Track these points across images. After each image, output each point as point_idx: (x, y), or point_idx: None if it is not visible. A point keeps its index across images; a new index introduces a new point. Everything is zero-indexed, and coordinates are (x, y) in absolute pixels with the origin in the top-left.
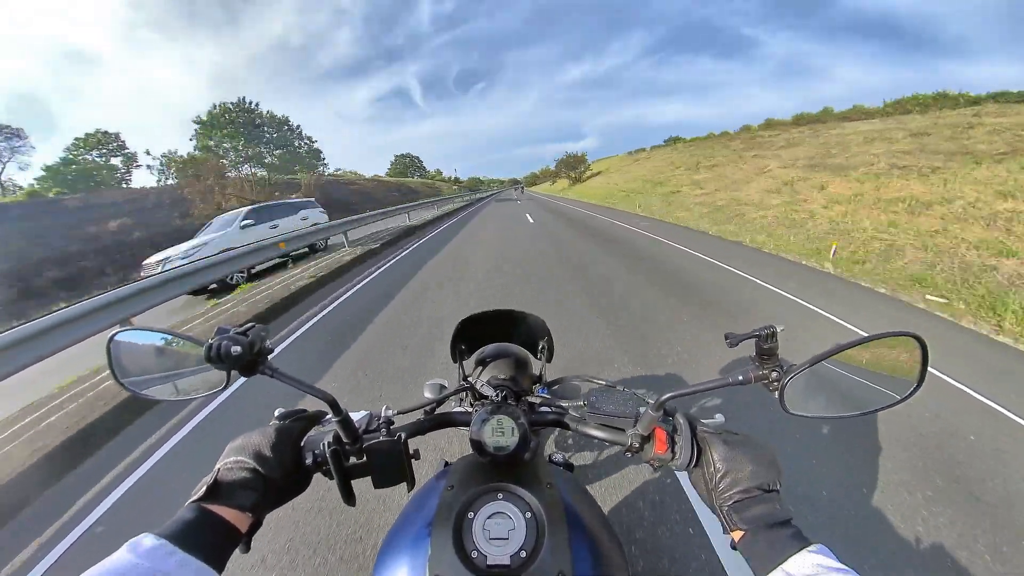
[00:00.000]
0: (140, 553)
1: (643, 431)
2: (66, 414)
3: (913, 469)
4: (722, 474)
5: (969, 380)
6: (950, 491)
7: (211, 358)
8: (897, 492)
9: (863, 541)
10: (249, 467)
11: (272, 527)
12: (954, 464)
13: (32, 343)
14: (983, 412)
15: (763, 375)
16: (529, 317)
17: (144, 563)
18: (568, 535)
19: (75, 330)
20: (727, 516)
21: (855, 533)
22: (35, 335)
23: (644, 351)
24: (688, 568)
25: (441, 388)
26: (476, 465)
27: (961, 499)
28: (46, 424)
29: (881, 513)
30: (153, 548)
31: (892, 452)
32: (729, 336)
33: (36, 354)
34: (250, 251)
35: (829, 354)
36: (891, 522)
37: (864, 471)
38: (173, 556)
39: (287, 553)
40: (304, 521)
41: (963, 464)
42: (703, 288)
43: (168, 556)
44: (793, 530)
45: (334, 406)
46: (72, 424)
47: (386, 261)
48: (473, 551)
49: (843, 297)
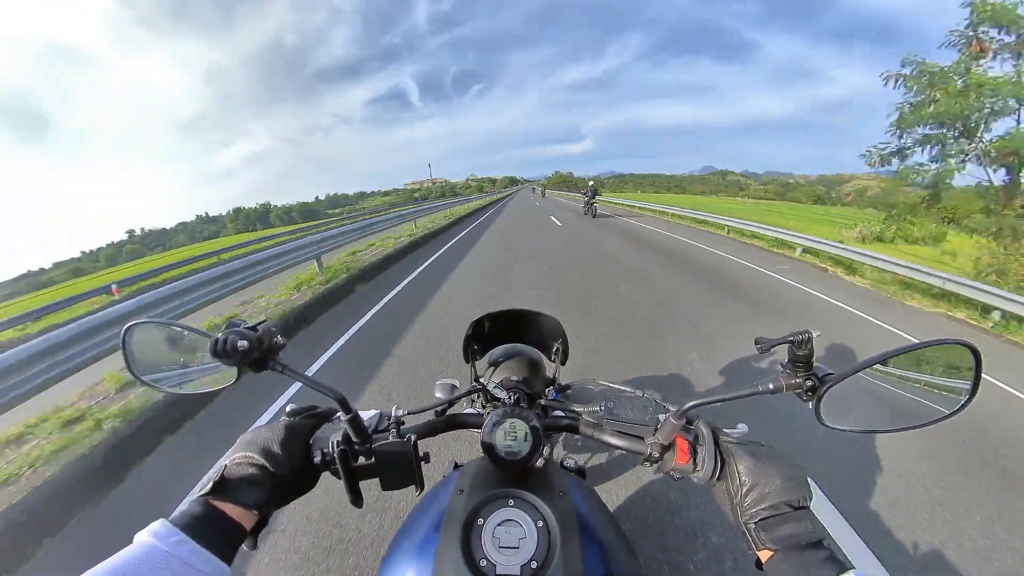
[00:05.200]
0: (159, 537)
1: (663, 440)
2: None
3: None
4: (748, 488)
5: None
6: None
7: (217, 353)
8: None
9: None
10: (257, 463)
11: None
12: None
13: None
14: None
15: (796, 384)
16: (543, 317)
17: (163, 547)
18: (581, 546)
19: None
20: (754, 534)
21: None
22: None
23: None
24: None
25: (453, 388)
26: (487, 469)
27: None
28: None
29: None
30: (169, 535)
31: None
32: (759, 341)
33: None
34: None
35: (871, 363)
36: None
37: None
38: (186, 545)
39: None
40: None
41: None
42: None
43: (181, 544)
44: (827, 553)
45: (344, 404)
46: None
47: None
48: (482, 559)
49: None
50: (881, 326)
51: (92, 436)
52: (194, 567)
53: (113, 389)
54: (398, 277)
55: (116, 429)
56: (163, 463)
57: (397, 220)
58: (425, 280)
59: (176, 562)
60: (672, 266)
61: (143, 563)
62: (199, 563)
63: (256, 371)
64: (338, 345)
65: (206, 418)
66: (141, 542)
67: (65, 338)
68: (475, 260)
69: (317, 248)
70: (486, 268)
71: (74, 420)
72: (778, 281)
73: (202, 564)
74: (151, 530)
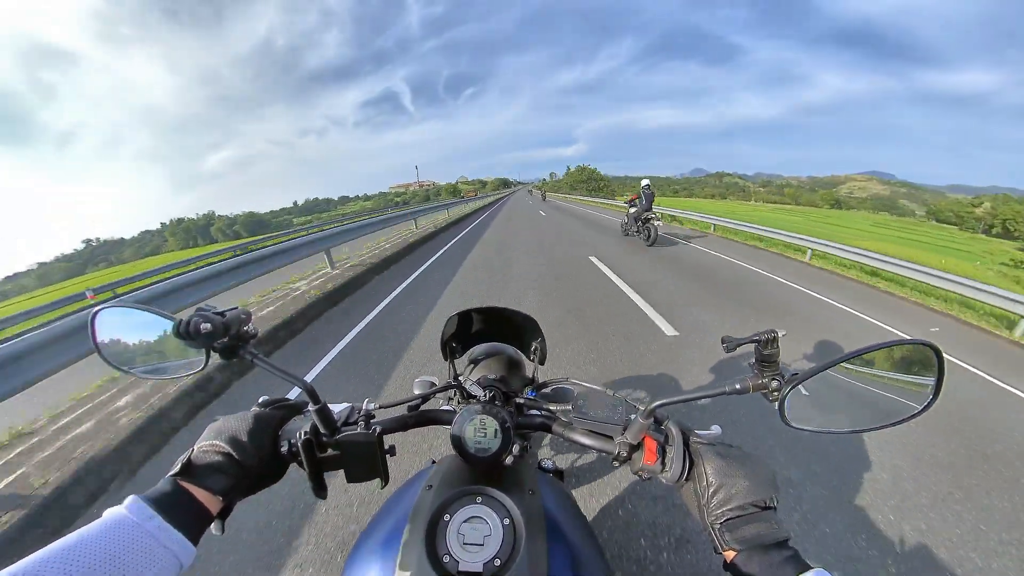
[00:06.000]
0: (130, 510)
1: (632, 439)
2: None
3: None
4: (715, 489)
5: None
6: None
7: (180, 334)
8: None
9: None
10: (223, 451)
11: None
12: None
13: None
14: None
15: (762, 384)
16: (522, 317)
17: (133, 518)
18: (547, 544)
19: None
20: (719, 534)
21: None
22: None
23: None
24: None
25: (431, 386)
26: (458, 466)
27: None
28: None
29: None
30: (139, 508)
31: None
32: (726, 340)
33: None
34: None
35: (834, 363)
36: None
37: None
38: (153, 520)
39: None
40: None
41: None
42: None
43: (150, 519)
44: (790, 552)
45: (312, 395)
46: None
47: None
48: (445, 555)
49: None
50: None
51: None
52: (161, 542)
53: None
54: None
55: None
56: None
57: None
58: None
59: (144, 536)
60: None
61: (111, 533)
62: (166, 539)
63: (226, 359)
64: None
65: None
66: (111, 513)
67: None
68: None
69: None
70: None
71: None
72: None
73: (169, 541)
74: (123, 503)
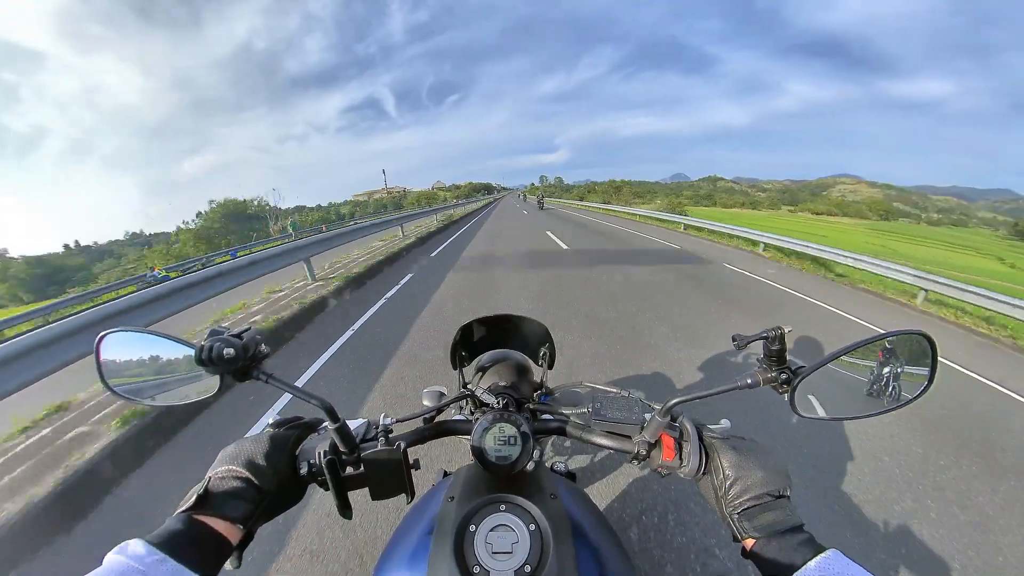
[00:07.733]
0: (134, 557)
1: (650, 438)
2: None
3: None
4: (732, 481)
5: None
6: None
7: (202, 361)
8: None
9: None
10: (242, 476)
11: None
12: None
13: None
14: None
15: (772, 377)
16: (530, 322)
17: (137, 566)
18: (574, 548)
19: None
20: (738, 524)
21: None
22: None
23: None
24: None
25: (441, 395)
26: (477, 475)
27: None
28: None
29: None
30: (145, 555)
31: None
32: (736, 338)
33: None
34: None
35: (837, 355)
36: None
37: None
38: (164, 564)
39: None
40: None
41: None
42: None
43: (159, 564)
44: (806, 536)
45: (331, 413)
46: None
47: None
48: (475, 566)
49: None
50: None
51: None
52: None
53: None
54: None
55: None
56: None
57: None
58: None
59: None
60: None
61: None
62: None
63: (239, 380)
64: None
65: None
66: (112, 562)
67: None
68: None
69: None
70: None
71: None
72: None
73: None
74: (124, 549)
